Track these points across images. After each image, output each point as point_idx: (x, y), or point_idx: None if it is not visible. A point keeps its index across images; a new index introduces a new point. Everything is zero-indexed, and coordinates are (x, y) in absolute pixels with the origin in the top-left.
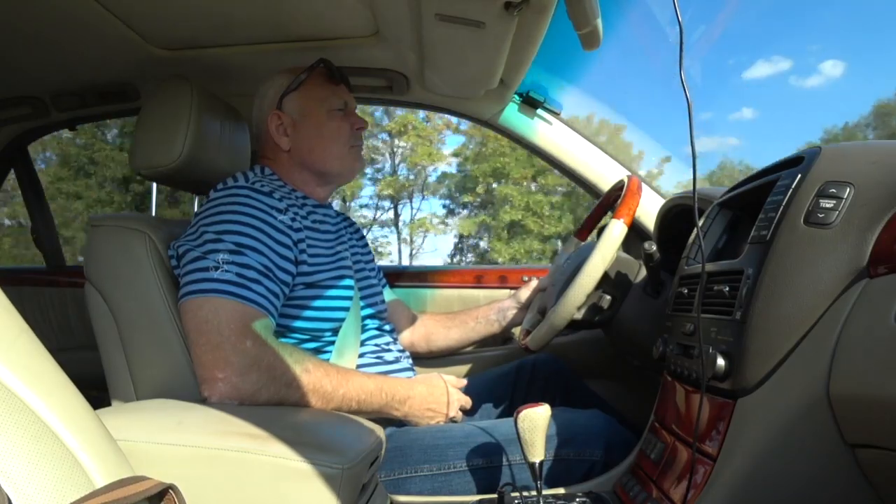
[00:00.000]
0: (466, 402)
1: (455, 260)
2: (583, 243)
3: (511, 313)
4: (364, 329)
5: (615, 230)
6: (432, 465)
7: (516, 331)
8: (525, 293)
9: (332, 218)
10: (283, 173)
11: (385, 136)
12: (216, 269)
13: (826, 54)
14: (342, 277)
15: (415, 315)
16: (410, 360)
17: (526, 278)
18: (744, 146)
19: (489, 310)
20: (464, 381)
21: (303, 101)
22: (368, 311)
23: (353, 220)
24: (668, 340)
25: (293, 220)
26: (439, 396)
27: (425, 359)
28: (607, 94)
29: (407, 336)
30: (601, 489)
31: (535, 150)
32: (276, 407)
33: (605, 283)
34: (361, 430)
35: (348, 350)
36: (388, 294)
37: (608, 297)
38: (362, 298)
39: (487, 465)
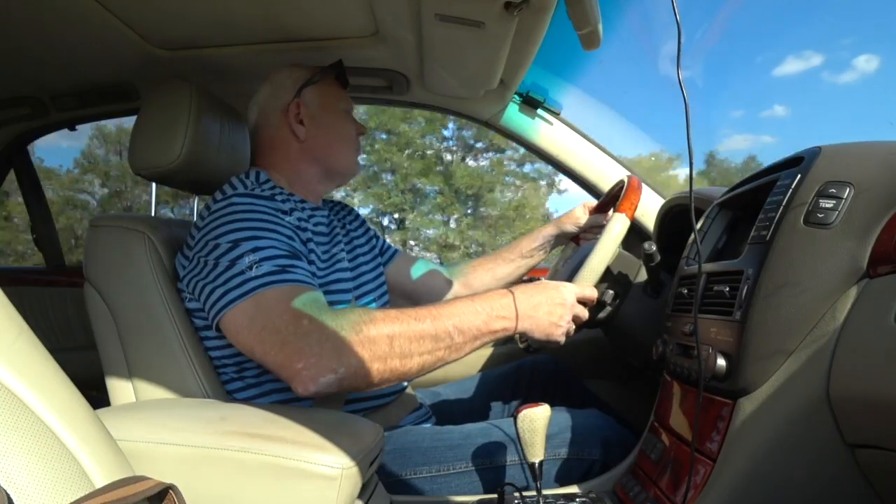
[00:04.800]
0: (583, 312)
1: None
2: (579, 246)
3: (554, 238)
4: None
5: (618, 224)
6: (432, 467)
7: None
8: (580, 213)
9: (325, 219)
10: (285, 170)
11: None
12: (250, 269)
13: (859, 48)
14: (338, 281)
15: (451, 279)
16: None
17: (525, 278)
18: (778, 144)
19: (532, 240)
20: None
21: (321, 96)
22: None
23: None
24: (667, 341)
25: (300, 220)
26: (545, 290)
27: None
28: (608, 94)
29: (449, 298)
30: (601, 489)
31: (535, 151)
32: (276, 407)
33: (608, 278)
34: (361, 430)
35: None
36: (422, 266)
37: (611, 292)
38: (359, 297)
39: (487, 466)
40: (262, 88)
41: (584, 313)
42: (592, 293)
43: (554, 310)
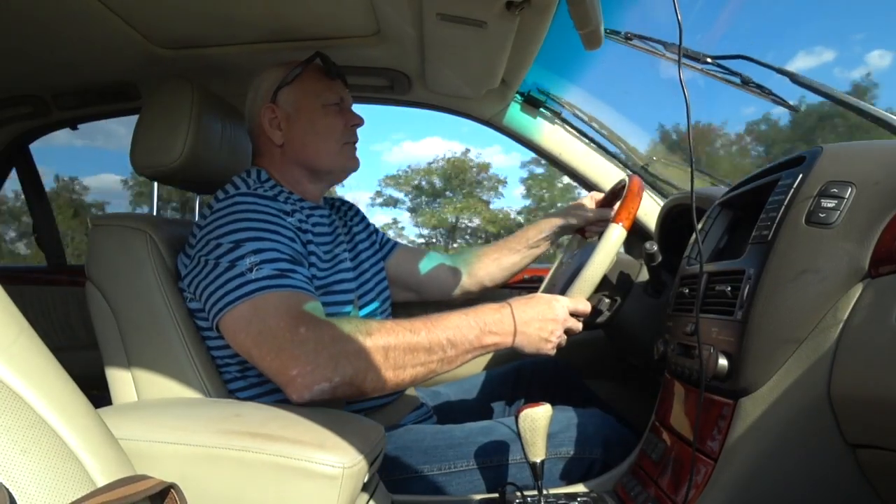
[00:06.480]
0: (576, 325)
1: None
2: (586, 241)
3: (560, 228)
4: None
5: (614, 235)
6: (433, 466)
7: None
8: (587, 206)
9: (327, 218)
10: (277, 173)
11: None
12: (250, 270)
13: (872, 44)
14: (340, 282)
15: (458, 270)
16: None
17: (526, 276)
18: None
19: (538, 231)
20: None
21: (297, 94)
22: (367, 309)
23: (350, 202)
24: (668, 341)
25: (301, 221)
26: (537, 305)
27: None
28: (609, 94)
29: (458, 292)
30: (602, 489)
31: (536, 150)
32: (277, 406)
33: (605, 285)
34: (362, 429)
35: None
36: (428, 258)
37: (607, 300)
38: (361, 296)
39: (488, 465)
40: (248, 92)
41: (577, 326)
42: (585, 307)
43: (545, 325)
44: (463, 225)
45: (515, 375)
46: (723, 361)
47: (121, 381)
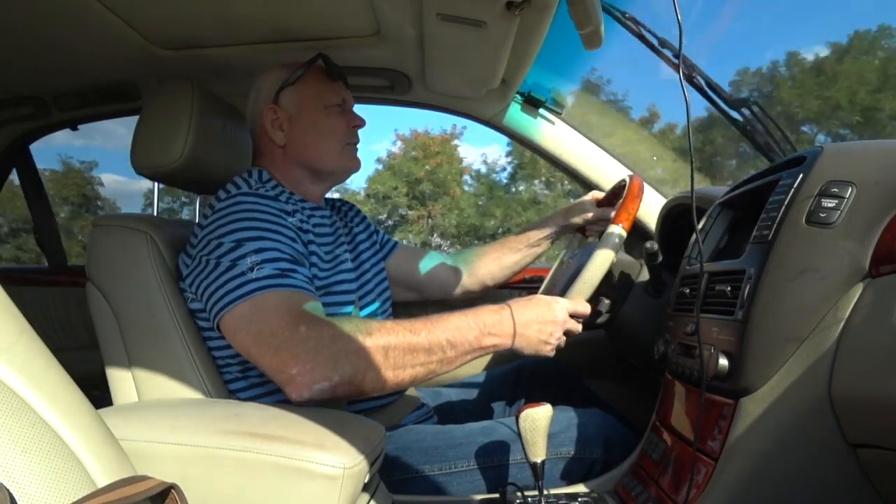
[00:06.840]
0: (575, 327)
1: None
2: (587, 241)
3: (561, 227)
4: None
5: (613, 237)
6: (433, 466)
7: None
8: (588, 206)
9: (329, 219)
10: (279, 173)
11: None
12: (251, 270)
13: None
14: (341, 282)
15: (458, 269)
16: None
17: (526, 276)
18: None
19: (539, 230)
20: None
21: (299, 95)
22: (368, 309)
23: (352, 203)
24: (669, 340)
25: (302, 222)
26: (536, 306)
27: None
28: (610, 93)
29: (459, 291)
30: (603, 489)
31: (537, 150)
32: (278, 406)
33: (606, 286)
34: (362, 429)
35: None
36: (428, 258)
37: (607, 302)
38: (362, 297)
39: (489, 465)
40: (250, 92)
41: (576, 328)
42: (585, 308)
43: (544, 327)
44: None
45: (516, 375)
46: (723, 361)
47: (121, 381)
